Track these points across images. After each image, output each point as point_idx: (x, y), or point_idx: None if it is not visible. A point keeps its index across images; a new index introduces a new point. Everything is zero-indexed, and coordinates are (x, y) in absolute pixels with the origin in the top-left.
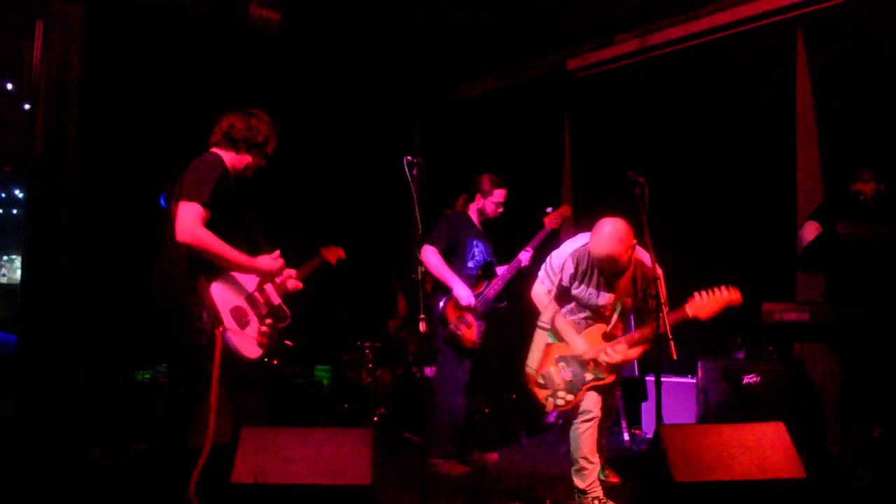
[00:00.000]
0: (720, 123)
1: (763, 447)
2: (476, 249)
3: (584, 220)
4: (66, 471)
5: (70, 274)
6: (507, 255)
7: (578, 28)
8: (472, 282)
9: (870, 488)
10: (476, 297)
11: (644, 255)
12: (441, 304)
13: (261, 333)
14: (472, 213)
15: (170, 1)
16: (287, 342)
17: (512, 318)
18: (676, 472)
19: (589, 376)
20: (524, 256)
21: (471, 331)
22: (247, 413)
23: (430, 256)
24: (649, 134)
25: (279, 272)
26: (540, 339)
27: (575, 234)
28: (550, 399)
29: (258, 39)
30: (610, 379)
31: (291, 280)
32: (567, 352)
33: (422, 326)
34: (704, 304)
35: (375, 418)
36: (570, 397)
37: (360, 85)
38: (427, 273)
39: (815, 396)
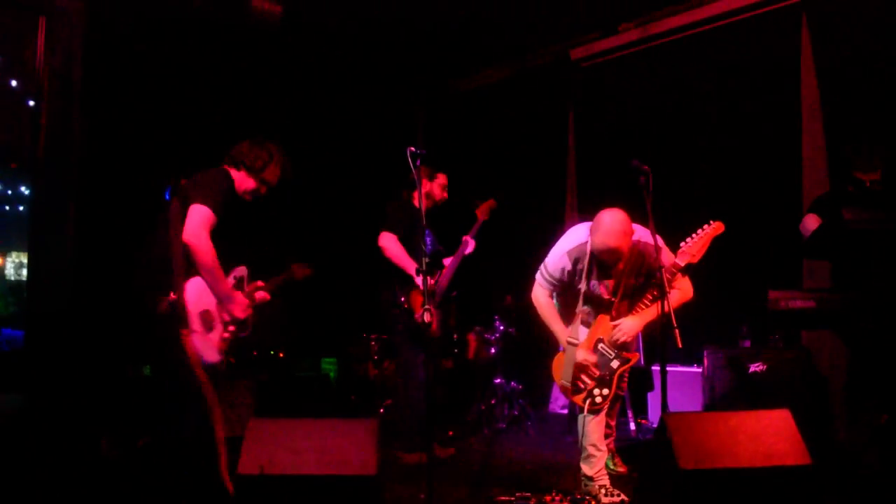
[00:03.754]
0: (724, 111)
1: (768, 434)
2: (428, 239)
3: (588, 209)
4: (74, 464)
5: (77, 269)
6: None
7: (581, 17)
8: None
9: (877, 475)
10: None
11: (640, 233)
12: (403, 294)
13: (222, 339)
14: (417, 201)
15: None
16: (231, 359)
17: (517, 310)
18: (682, 460)
19: (615, 363)
20: (468, 247)
21: (433, 320)
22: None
23: (390, 243)
24: (653, 122)
25: (238, 309)
26: (570, 354)
27: (580, 222)
28: (589, 400)
29: (260, 33)
30: (634, 358)
31: (260, 291)
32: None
33: (427, 317)
34: (693, 248)
35: (381, 410)
36: (605, 391)
37: (363, 77)
38: (433, 263)
39: (822, 384)
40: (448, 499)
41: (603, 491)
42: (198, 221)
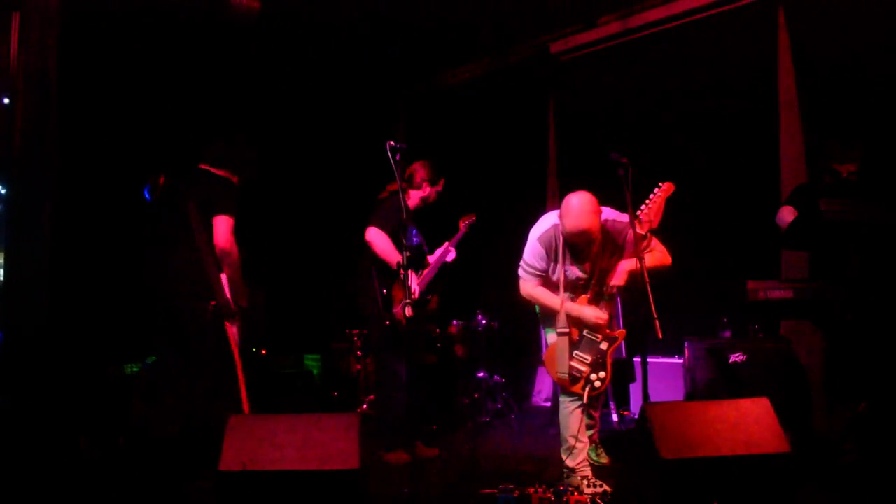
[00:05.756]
0: (704, 104)
1: (748, 423)
2: (413, 234)
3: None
4: (54, 463)
5: (55, 268)
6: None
7: (561, 11)
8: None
9: (855, 463)
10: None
11: (608, 213)
12: (385, 288)
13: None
14: (412, 199)
15: None
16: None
17: (497, 303)
18: (663, 450)
19: (605, 345)
20: (450, 255)
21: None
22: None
23: (377, 238)
24: (633, 115)
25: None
26: (563, 344)
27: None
28: (588, 387)
29: (239, 28)
30: (621, 335)
31: None
32: (574, 337)
33: (408, 311)
34: (649, 214)
35: (364, 406)
36: (602, 374)
37: (344, 72)
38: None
39: (802, 373)
40: (432, 492)
41: (585, 482)
42: (227, 230)
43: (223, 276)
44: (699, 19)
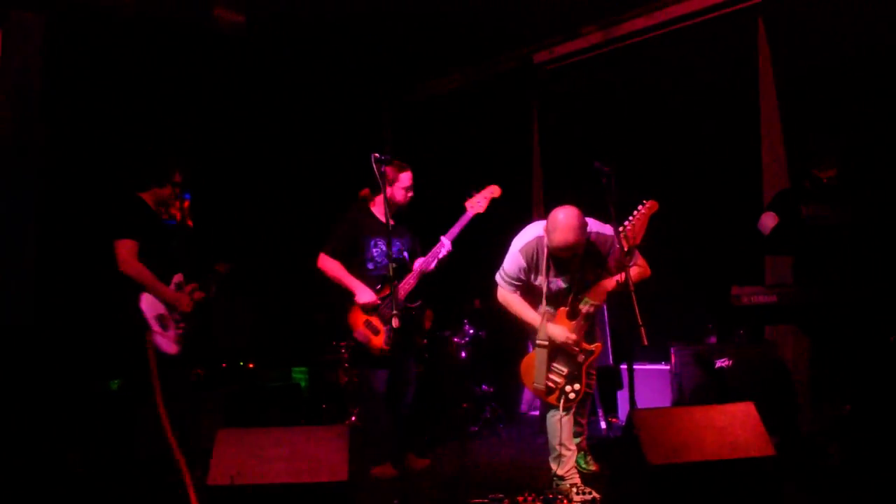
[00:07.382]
0: (686, 111)
1: (733, 427)
2: (375, 250)
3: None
4: (40, 479)
5: (39, 283)
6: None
7: (544, 21)
8: (376, 283)
9: (840, 466)
10: (382, 299)
11: (593, 225)
12: (345, 313)
13: (177, 334)
14: (379, 206)
15: (132, 6)
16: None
17: (487, 313)
18: (650, 455)
19: (581, 357)
20: (442, 250)
21: (378, 337)
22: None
23: (326, 262)
24: (617, 124)
25: (183, 305)
26: (541, 356)
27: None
28: (562, 398)
29: (225, 41)
30: (598, 348)
31: (197, 292)
32: (551, 349)
33: (395, 322)
34: (632, 230)
35: (353, 418)
36: (576, 386)
37: (329, 82)
38: (398, 270)
39: (787, 377)
40: (422, 503)
41: (574, 489)
42: (125, 254)
43: (143, 296)
44: (680, 28)
